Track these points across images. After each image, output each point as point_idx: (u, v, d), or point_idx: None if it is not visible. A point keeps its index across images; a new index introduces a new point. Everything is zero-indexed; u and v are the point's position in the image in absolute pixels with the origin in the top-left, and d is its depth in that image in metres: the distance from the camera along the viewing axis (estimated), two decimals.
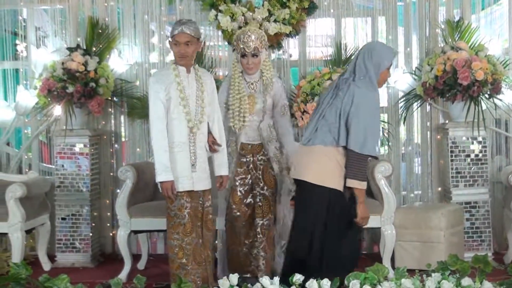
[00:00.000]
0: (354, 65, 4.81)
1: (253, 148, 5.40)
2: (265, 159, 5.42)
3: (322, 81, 6.58)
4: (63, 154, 6.79)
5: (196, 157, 4.96)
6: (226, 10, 6.89)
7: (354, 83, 4.72)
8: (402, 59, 7.09)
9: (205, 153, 5.06)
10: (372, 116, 4.68)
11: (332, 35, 7.15)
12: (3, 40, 7.47)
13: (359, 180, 4.68)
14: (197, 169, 4.97)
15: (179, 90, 4.90)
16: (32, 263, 6.64)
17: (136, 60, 7.21)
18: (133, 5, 7.19)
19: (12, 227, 6.18)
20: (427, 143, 7.13)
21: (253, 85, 5.40)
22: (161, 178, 4.85)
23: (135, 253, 6.87)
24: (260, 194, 5.38)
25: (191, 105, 4.93)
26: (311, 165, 4.75)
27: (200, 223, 5.00)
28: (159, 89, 4.89)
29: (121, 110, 7.22)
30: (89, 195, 6.80)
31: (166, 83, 4.90)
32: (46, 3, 7.27)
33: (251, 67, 5.31)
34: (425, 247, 6.09)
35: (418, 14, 7.08)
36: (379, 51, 4.84)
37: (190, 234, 4.92)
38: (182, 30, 4.86)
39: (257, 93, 5.38)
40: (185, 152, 4.92)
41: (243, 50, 5.25)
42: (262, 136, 5.41)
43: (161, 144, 4.86)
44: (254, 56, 5.27)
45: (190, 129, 4.92)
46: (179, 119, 4.91)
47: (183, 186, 4.91)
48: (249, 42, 5.23)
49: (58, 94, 6.61)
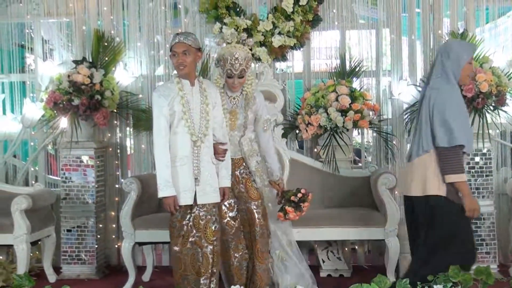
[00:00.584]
0: (432, 68, 4.86)
1: (234, 162, 5.32)
2: (247, 172, 5.38)
3: (326, 93, 6.60)
4: (68, 166, 6.83)
5: (200, 171, 4.94)
6: (231, 22, 6.92)
7: (430, 86, 4.76)
8: (406, 71, 7.10)
9: (211, 167, 5.03)
10: (452, 109, 4.64)
11: (336, 47, 7.17)
12: (10, 53, 7.52)
13: (457, 174, 4.62)
14: (201, 183, 4.94)
15: (182, 104, 4.90)
16: (38, 275, 6.70)
17: (142, 72, 7.26)
18: (138, 18, 7.25)
19: (17, 238, 6.22)
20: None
21: (235, 100, 5.36)
22: (163, 194, 4.87)
23: (141, 265, 6.90)
24: (244, 208, 5.33)
25: (195, 119, 4.93)
26: (414, 180, 4.77)
27: (200, 234, 4.96)
28: (162, 103, 4.90)
29: (127, 122, 7.25)
30: (94, 207, 6.83)
31: (169, 97, 4.91)
32: (53, 16, 7.33)
33: (236, 86, 5.29)
34: None
35: (422, 26, 7.09)
36: (455, 48, 4.83)
37: (185, 245, 4.94)
38: (179, 40, 4.91)
39: (239, 108, 5.34)
40: (187, 166, 4.92)
41: (230, 72, 5.21)
42: (243, 151, 5.37)
43: (162, 159, 4.88)
44: (240, 77, 5.25)
45: (193, 142, 4.92)
46: (182, 133, 4.92)
47: (185, 200, 4.91)
48: (236, 64, 5.18)
49: (64, 106, 6.66)
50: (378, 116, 6.90)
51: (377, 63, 7.15)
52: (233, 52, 5.20)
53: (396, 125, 7.09)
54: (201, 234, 4.95)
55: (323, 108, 6.54)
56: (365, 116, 6.54)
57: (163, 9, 7.21)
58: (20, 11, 7.40)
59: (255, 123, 5.45)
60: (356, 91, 6.62)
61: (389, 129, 7.07)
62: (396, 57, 7.08)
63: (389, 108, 7.16)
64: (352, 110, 6.49)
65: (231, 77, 5.23)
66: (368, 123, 6.59)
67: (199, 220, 4.95)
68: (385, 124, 7.09)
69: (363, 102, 6.57)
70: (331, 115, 6.48)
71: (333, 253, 6.64)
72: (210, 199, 5.00)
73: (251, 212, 5.31)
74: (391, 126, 7.11)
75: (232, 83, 5.26)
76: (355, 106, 6.49)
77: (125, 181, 6.30)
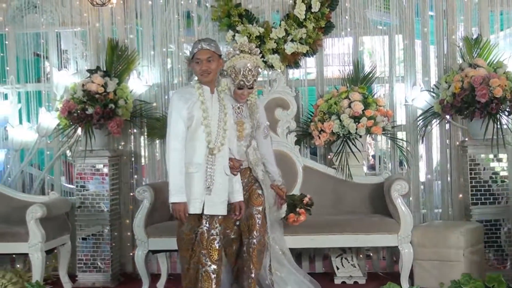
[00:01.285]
0: None
1: (241, 172, 5.14)
2: (251, 180, 5.29)
3: (339, 99, 6.60)
4: (83, 175, 6.87)
5: (212, 180, 4.79)
6: (243, 30, 6.95)
7: None
8: (420, 76, 7.07)
9: (225, 178, 4.87)
10: None
11: (349, 54, 7.16)
12: (26, 63, 7.59)
13: None
14: (212, 192, 4.78)
15: (202, 110, 4.76)
16: (54, 283, 6.74)
17: (155, 81, 7.30)
18: (152, 27, 7.30)
19: (33, 247, 6.25)
20: (446, 161, 7.07)
21: (239, 109, 5.26)
22: (174, 199, 4.70)
23: (156, 273, 6.92)
24: (246, 212, 5.17)
25: (212, 127, 4.79)
26: None
27: (205, 251, 4.80)
28: (182, 107, 4.75)
29: (141, 130, 7.29)
30: (109, 215, 6.86)
31: (190, 101, 4.77)
32: (68, 26, 7.40)
33: (245, 97, 5.23)
34: (445, 266, 6.02)
35: (435, 32, 7.06)
36: None
37: (193, 258, 4.82)
38: (202, 47, 4.79)
39: (245, 118, 5.26)
40: (201, 173, 4.76)
41: (242, 83, 5.14)
42: (249, 161, 5.29)
43: (177, 164, 4.71)
44: (250, 88, 5.20)
45: (210, 150, 4.77)
46: (200, 139, 4.77)
47: (194, 208, 4.76)
48: (249, 75, 5.12)
49: (78, 115, 6.70)
50: (392, 122, 6.88)
51: (390, 69, 7.13)
52: (246, 63, 5.13)
53: (410, 131, 7.06)
54: (205, 252, 4.80)
55: (336, 115, 6.54)
56: (378, 123, 6.53)
57: (176, 17, 7.24)
58: (35, 21, 7.48)
59: (256, 130, 5.36)
60: (369, 97, 6.62)
61: (403, 135, 7.04)
62: (409, 62, 7.05)
63: (402, 114, 7.13)
64: (365, 116, 6.48)
65: (241, 89, 5.16)
66: (382, 129, 6.58)
67: (205, 236, 4.80)
68: (399, 130, 7.07)
69: (376, 108, 6.56)
70: (344, 122, 6.48)
71: (347, 260, 6.61)
72: (217, 210, 4.84)
73: (252, 217, 5.21)
74: (405, 132, 7.08)
75: (241, 94, 5.19)
76: (368, 112, 6.48)
77: (138, 189, 6.35)
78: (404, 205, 6.07)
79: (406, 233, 6.03)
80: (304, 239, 6.13)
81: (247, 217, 5.21)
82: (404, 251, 6.04)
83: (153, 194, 6.21)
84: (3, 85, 7.54)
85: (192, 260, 4.83)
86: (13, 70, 7.51)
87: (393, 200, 6.07)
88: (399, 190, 6.05)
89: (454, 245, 6.02)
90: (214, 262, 4.82)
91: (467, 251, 6.02)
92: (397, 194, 6.05)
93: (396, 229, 6.04)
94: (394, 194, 6.05)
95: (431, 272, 6.06)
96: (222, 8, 7.07)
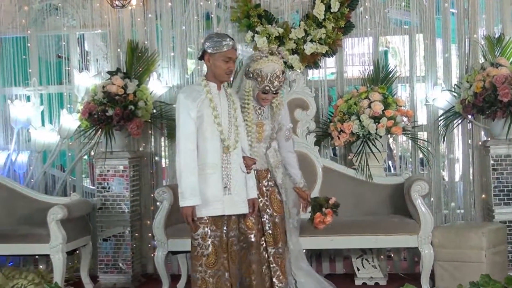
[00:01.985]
0: None
1: (259, 173, 5.08)
2: (272, 185, 5.14)
3: (359, 100, 6.56)
4: (104, 176, 6.90)
5: (229, 179, 4.65)
6: (263, 31, 6.94)
7: None
8: (441, 76, 7.01)
9: (241, 175, 4.74)
10: None
11: (369, 53, 7.12)
12: (48, 65, 7.66)
13: None
14: (232, 192, 4.65)
15: (212, 108, 4.62)
16: (76, 284, 6.78)
17: (175, 82, 7.32)
18: (171, 28, 7.32)
19: (54, 248, 6.29)
20: (468, 161, 7.01)
21: (260, 110, 5.09)
22: (189, 203, 4.55)
23: (176, 273, 6.94)
24: (269, 221, 5.05)
25: (223, 124, 4.65)
26: None
27: (226, 255, 4.67)
28: (190, 106, 4.60)
29: (161, 131, 7.30)
30: (129, 216, 6.89)
31: (198, 100, 4.62)
32: (88, 28, 7.46)
33: (269, 101, 5.06)
34: (466, 267, 5.96)
35: (457, 31, 7.00)
36: None
37: (213, 266, 4.60)
38: (234, 46, 4.69)
39: (265, 119, 5.11)
40: (217, 174, 4.62)
41: (268, 88, 4.96)
42: (269, 163, 5.14)
43: (190, 165, 4.57)
44: (275, 93, 5.04)
45: (225, 149, 4.63)
46: (212, 138, 4.62)
47: (215, 211, 4.60)
48: (276, 81, 4.93)
49: (98, 117, 6.73)
50: (412, 122, 6.83)
51: (410, 68, 7.08)
52: (275, 69, 4.93)
53: (431, 131, 7.01)
54: (226, 255, 4.68)
55: (356, 115, 6.51)
56: (398, 123, 6.49)
57: (195, 19, 7.26)
58: (57, 23, 7.54)
59: (277, 132, 5.22)
60: (389, 97, 6.58)
61: (424, 135, 6.99)
62: (430, 62, 7.00)
63: (423, 114, 7.08)
64: (385, 116, 6.44)
65: (266, 93, 4.99)
66: (402, 129, 6.53)
67: (224, 239, 4.67)
68: (420, 130, 7.02)
69: (396, 108, 6.52)
70: (363, 122, 6.44)
71: (368, 261, 6.58)
72: (239, 209, 4.72)
73: (277, 226, 5.07)
74: (426, 132, 7.03)
75: (265, 98, 5.02)
76: (388, 112, 6.45)
77: (157, 191, 6.38)
78: (424, 205, 6.03)
79: (426, 234, 5.99)
80: (324, 240, 6.12)
81: (272, 226, 5.07)
82: (425, 252, 6.00)
83: (172, 195, 6.22)
84: (26, 87, 7.60)
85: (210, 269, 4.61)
86: (36, 73, 7.57)
87: (413, 201, 6.03)
88: (419, 191, 6.01)
89: (475, 246, 5.96)
90: (234, 263, 4.73)
91: (489, 252, 5.96)
92: (417, 195, 6.01)
93: (416, 230, 6.00)
94: (414, 195, 6.01)
95: (452, 273, 6.00)
96: (241, 9, 7.06)
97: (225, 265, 4.66)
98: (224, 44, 4.63)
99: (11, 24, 7.57)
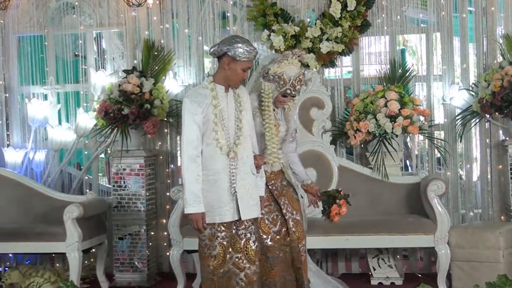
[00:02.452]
0: None
1: (274, 174, 5.03)
2: (285, 184, 5.11)
3: (375, 99, 6.53)
4: (120, 175, 6.91)
5: (237, 184, 4.51)
6: (279, 29, 6.92)
7: None
8: (458, 75, 6.96)
9: (252, 178, 4.62)
10: None
11: (386, 52, 7.08)
12: (65, 63, 7.68)
13: None
14: (241, 196, 4.51)
15: (214, 114, 4.47)
16: (92, 282, 6.79)
17: (191, 81, 7.31)
18: (187, 27, 7.32)
19: (69, 246, 6.30)
20: (486, 161, 6.95)
21: (275, 112, 5.02)
22: (192, 210, 4.44)
23: (192, 272, 6.94)
24: (292, 220, 5.02)
25: (229, 128, 4.53)
26: None
27: (241, 255, 4.54)
28: (196, 111, 4.46)
29: (177, 130, 7.30)
30: (145, 215, 6.90)
31: (203, 104, 4.48)
32: (105, 27, 7.47)
33: (284, 104, 5.03)
34: (483, 267, 5.92)
35: (475, 29, 6.95)
36: None
37: (221, 267, 4.52)
38: (255, 57, 4.58)
39: (280, 120, 5.07)
40: (224, 179, 4.50)
41: (289, 92, 4.92)
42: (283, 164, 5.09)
43: (193, 172, 4.44)
44: (293, 96, 5.01)
45: (227, 153, 4.49)
46: (214, 144, 4.49)
47: (221, 217, 4.50)
48: (298, 85, 4.90)
49: (114, 116, 6.74)
50: (429, 121, 6.78)
51: (428, 67, 7.03)
52: (297, 72, 4.89)
53: (448, 130, 6.96)
54: (241, 255, 4.55)
55: (372, 114, 6.47)
56: (414, 122, 6.44)
57: (211, 17, 7.25)
58: (74, 22, 7.56)
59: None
60: (405, 96, 6.53)
61: (441, 134, 6.94)
62: (447, 61, 6.95)
63: (441, 113, 7.03)
64: (401, 115, 6.40)
65: (286, 96, 4.95)
66: (418, 128, 6.49)
67: (237, 239, 4.56)
68: (437, 130, 6.97)
69: (412, 107, 6.48)
70: (380, 121, 6.41)
71: (384, 261, 6.55)
72: (253, 213, 4.60)
73: (299, 224, 5.04)
74: (443, 131, 6.98)
75: (283, 101, 5.00)
76: (405, 111, 6.41)
77: (173, 189, 6.38)
78: (441, 205, 5.98)
79: (443, 234, 5.95)
80: (339, 240, 6.12)
81: (294, 224, 5.03)
82: (441, 252, 5.96)
83: None
84: (43, 86, 7.63)
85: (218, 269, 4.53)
86: (53, 71, 7.60)
87: (429, 200, 5.99)
88: (436, 191, 5.97)
89: (493, 246, 5.92)
90: (253, 263, 4.57)
91: (506, 252, 5.92)
92: (434, 194, 5.97)
93: (432, 229, 5.96)
94: (431, 195, 5.97)
95: (469, 274, 5.96)
96: (257, 7, 7.05)
97: (239, 265, 4.55)
98: (250, 55, 4.50)
99: (29, 23, 7.61)
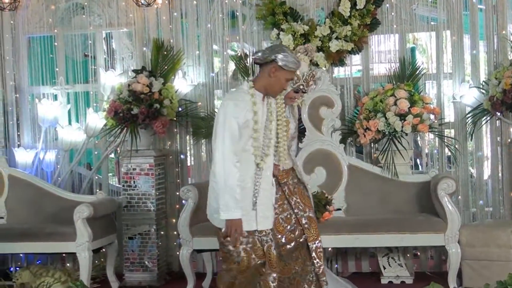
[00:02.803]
0: None
1: (286, 172, 5.02)
2: (296, 182, 5.10)
3: (385, 97, 6.50)
4: (130, 175, 6.92)
5: (259, 193, 4.49)
6: (288, 28, 6.90)
7: None
8: (469, 73, 6.92)
9: (271, 188, 4.64)
10: None
11: (395, 51, 7.05)
12: (75, 64, 7.70)
13: None
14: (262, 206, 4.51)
15: (254, 121, 4.40)
16: (102, 282, 6.79)
17: (200, 80, 7.31)
18: (197, 26, 7.32)
19: (80, 246, 6.32)
20: (497, 159, 6.91)
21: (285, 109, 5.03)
22: (232, 215, 4.34)
23: (201, 272, 6.93)
24: (305, 217, 5.00)
25: (261, 137, 4.49)
26: None
27: (263, 261, 4.53)
28: (239, 115, 4.36)
29: (186, 130, 7.31)
30: (155, 214, 6.90)
31: (245, 110, 4.40)
32: (114, 27, 7.48)
33: (294, 100, 5.06)
34: (494, 266, 5.89)
35: (485, 27, 6.90)
36: None
37: (245, 272, 4.53)
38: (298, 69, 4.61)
39: (289, 117, 5.08)
40: (249, 188, 4.46)
41: (301, 88, 4.96)
42: (293, 161, 5.12)
43: (234, 176, 4.33)
44: (304, 92, 5.06)
45: (257, 163, 4.47)
46: (250, 151, 4.45)
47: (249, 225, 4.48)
48: (310, 81, 4.98)
49: (124, 116, 6.74)
50: (439, 119, 6.76)
51: (438, 65, 7.00)
52: (310, 69, 4.97)
53: (458, 128, 6.92)
54: (263, 261, 4.53)
55: (382, 113, 6.44)
56: (424, 120, 6.41)
57: (220, 16, 7.24)
58: (83, 22, 7.57)
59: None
60: (415, 94, 6.50)
61: (451, 133, 6.91)
62: (457, 59, 6.91)
63: (451, 111, 7.00)
64: (411, 114, 6.37)
65: (297, 92, 4.99)
66: (428, 127, 6.46)
67: (259, 245, 4.54)
68: (447, 128, 6.94)
69: (422, 105, 6.45)
70: (389, 120, 6.38)
71: (394, 260, 6.52)
72: (270, 224, 4.60)
73: (313, 221, 5.04)
74: (453, 130, 6.95)
75: (294, 97, 5.03)
76: (414, 110, 6.38)
77: (182, 189, 6.39)
78: (451, 204, 5.96)
79: (453, 232, 5.92)
80: (349, 239, 6.10)
81: (309, 221, 5.03)
82: (452, 250, 5.93)
83: (197, 193, 6.22)
84: (53, 86, 7.65)
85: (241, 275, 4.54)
86: (62, 71, 7.61)
87: (439, 199, 5.96)
88: (446, 189, 5.94)
89: (504, 244, 5.89)
90: (274, 270, 4.56)
91: None
92: (444, 193, 5.94)
93: (443, 228, 5.93)
94: (441, 193, 5.94)
95: (480, 272, 5.93)
96: (266, 6, 7.03)
97: (260, 270, 4.55)
98: (296, 66, 4.49)
99: (38, 23, 7.63)
